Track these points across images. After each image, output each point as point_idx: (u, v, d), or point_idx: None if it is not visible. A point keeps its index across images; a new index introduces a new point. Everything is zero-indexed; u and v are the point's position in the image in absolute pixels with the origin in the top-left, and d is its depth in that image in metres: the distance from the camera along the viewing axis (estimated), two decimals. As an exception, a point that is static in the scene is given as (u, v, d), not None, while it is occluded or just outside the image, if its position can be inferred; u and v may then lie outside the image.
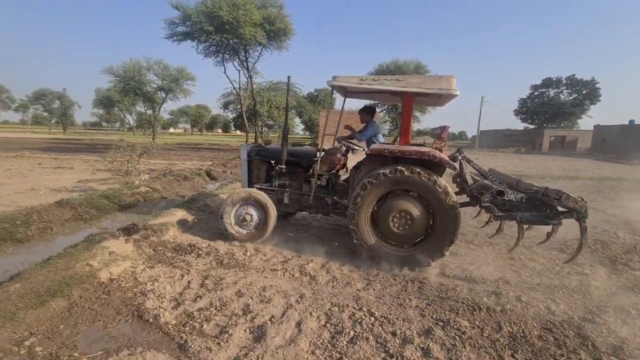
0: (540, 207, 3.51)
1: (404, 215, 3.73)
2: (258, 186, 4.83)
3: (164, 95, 29.01)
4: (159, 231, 4.51)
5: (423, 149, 3.76)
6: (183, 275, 3.43)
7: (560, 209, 3.37)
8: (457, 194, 4.14)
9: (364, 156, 4.29)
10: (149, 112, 36.02)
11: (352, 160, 4.88)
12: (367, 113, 5.18)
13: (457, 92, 3.71)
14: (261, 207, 4.42)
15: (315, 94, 42.95)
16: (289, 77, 4.77)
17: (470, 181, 4.13)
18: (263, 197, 4.45)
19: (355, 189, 3.94)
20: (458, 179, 4.35)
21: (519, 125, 57.74)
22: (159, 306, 2.82)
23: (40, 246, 4.39)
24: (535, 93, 54.76)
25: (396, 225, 3.78)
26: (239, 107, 27.19)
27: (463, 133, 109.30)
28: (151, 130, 37.28)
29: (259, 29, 15.38)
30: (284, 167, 4.73)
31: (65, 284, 2.87)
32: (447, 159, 3.78)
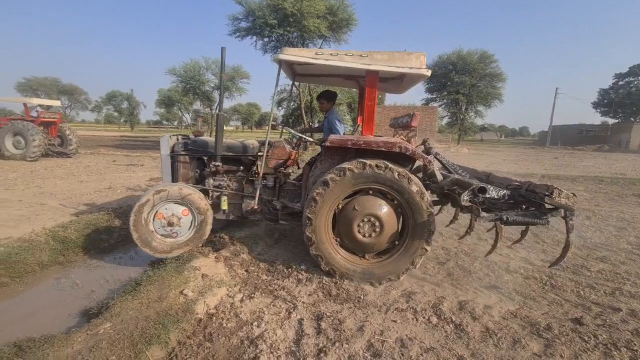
0: (522, 204, 3.13)
1: (373, 221, 3.17)
2: None
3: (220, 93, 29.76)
4: (247, 245, 3.91)
5: (392, 139, 3.28)
6: (290, 312, 2.72)
7: (548, 205, 2.97)
8: None
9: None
10: (206, 110, 37.42)
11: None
12: (329, 99, 4.38)
13: (428, 73, 3.18)
14: (191, 204, 3.44)
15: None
16: (222, 49, 3.54)
17: (439, 177, 3.66)
18: (195, 192, 3.49)
19: (312, 189, 3.24)
20: (424, 174, 3.86)
21: (594, 119, 50.91)
22: (277, 365, 2.11)
23: (125, 258, 4.01)
24: (621, 82, 47.60)
25: (362, 232, 3.20)
26: (292, 104, 26.91)
27: (524, 129, 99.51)
28: (207, 127, 38.71)
29: (322, 21, 14.68)
30: (220, 164, 3.77)
31: (161, 323, 2.28)
32: (420, 151, 3.31)
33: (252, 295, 2.97)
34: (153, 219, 3.39)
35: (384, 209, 3.20)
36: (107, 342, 2.05)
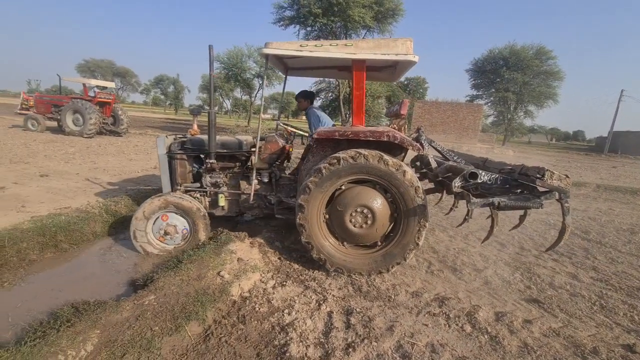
0: (516, 188, 3.04)
1: (365, 212, 3.11)
2: (184, 188, 3.89)
3: (260, 82, 30.31)
4: (280, 234, 3.99)
5: (380, 128, 3.23)
6: (320, 304, 2.75)
7: (541, 189, 2.88)
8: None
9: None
10: (245, 97, 38.39)
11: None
12: (306, 97, 4.43)
13: (416, 59, 3.06)
14: (185, 212, 3.52)
15: (405, 82, 40.29)
16: (210, 47, 3.49)
17: (434, 164, 3.60)
18: (184, 199, 3.53)
19: (305, 178, 3.22)
20: (418, 162, 3.92)
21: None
22: (305, 354, 2.15)
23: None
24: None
25: (354, 223, 3.15)
26: (329, 95, 26.80)
27: (579, 133, 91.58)
28: (245, 114, 39.72)
29: (368, 10, 14.36)
30: (215, 161, 3.75)
31: (199, 301, 2.41)
32: (410, 139, 3.21)
33: (284, 283, 3.04)
34: (151, 230, 3.55)
35: (378, 201, 3.14)
36: (152, 313, 2.20)
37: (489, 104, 33.94)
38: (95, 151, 9.81)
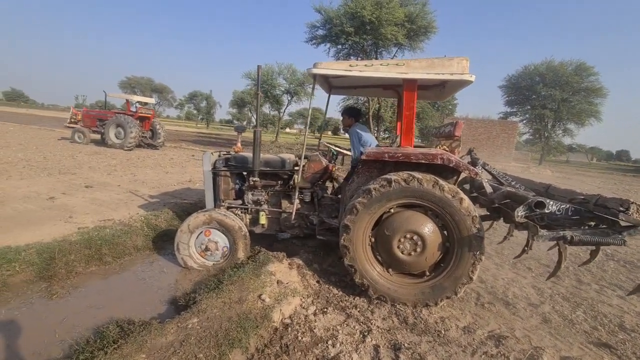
0: (589, 220, 2.74)
1: (414, 238, 2.91)
2: (226, 204, 3.84)
3: (289, 98, 30.96)
4: (318, 255, 3.88)
5: (433, 151, 3.11)
6: (364, 335, 2.58)
7: (623, 223, 2.54)
8: None
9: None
10: (274, 113, 39.28)
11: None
12: (350, 115, 4.17)
13: (472, 78, 2.93)
14: (227, 230, 3.45)
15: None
16: (258, 67, 3.60)
17: (489, 189, 3.26)
18: (228, 217, 3.46)
19: (352, 199, 3.08)
20: (467, 185, 3.70)
21: None
22: (355, 395, 1.98)
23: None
24: None
25: (402, 249, 2.95)
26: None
27: (623, 152, 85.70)
28: (274, 129, 40.56)
29: (400, 28, 14.39)
30: (258, 179, 3.69)
31: (242, 327, 2.31)
32: (466, 163, 2.99)
33: (325, 309, 2.89)
34: (193, 244, 3.55)
35: (429, 227, 2.93)
36: (195, 338, 2.13)
37: (524, 122, 32.64)
38: (135, 163, 10.25)
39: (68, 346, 2.25)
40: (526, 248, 3.44)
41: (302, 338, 2.46)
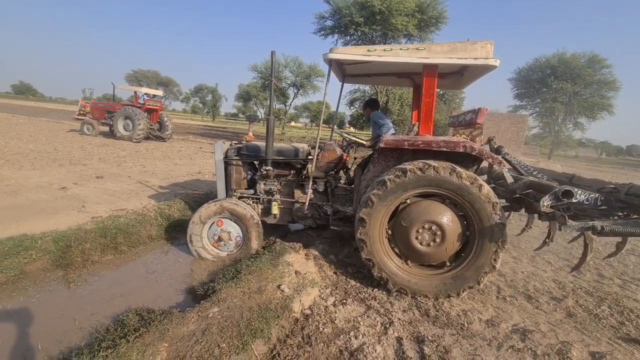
0: (618, 210, 2.67)
1: (433, 229, 2.84)
2: (238, 194, 3.76)
3: (295, 91, 30.80)
4: (334, 246, 3.82)
5: (454, 139, 2.98)
6: (386, 328, 2.52)
7: None
8: None
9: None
10: (280, 106, 39.13)
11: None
12: (373, 107, 4.45)
13: (497, 63, 2.83)
14: (239, 219, 3.39)
15: (441, 92, 39.16)
16: (272, 53, 3.43)
17: (509, 179, 3.23)
18: (239, 205, 3.39)
19: (368, 190, 3.00)
20: (486, 177, 3.58)
21: None
22: (381, 387, 1.93)
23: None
24: None
25: (421, 241, 2.88)
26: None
27: (633, 147, 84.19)
28: (280, 123, 40.39)
29: (411, 19, 14.13)
30: (271, 168, 3.64)
31: (263, 317, 2.26)
32: (489, 151, 2.98)
33: (344, 301, 2.84)
34: (206, 235, 3.52)
35: (448, 217, 2.84)
36: (217, 327, 2.09)
37: (534, 115, 32.10)
38: (144, 155, 10.25)
39: (88, 334, 2.22)
40: (547, 240, 3.35)
41: (323, 329, 2.41)
